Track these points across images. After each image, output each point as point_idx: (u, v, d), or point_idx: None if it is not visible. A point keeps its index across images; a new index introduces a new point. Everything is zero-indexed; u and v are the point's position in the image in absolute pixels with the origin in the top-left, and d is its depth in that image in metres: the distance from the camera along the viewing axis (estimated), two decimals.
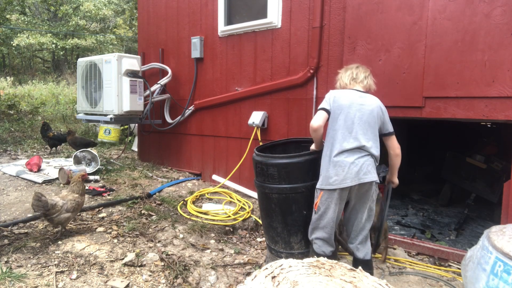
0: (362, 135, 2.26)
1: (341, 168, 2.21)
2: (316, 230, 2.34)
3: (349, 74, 2.53)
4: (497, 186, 3.72)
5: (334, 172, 2.22)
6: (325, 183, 2.27)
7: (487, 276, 1.79)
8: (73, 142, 5.72)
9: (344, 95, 2.39)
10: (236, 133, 4.51)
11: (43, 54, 20.08)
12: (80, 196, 2.99)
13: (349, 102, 2.33)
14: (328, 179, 2.24)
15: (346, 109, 2.32)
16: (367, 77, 2.54)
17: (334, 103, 2.36)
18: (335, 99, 2.37)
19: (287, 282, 1.18)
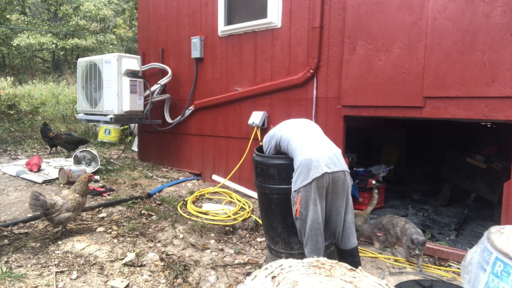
0: None
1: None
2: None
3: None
4: (497, 186, 3.72)
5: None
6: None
7: (487, 276, 1.79)
8: (66, 141, 5.75)
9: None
10: (236, 133, 4.50)
11: (43, 54, 20.08)
12: (81, 196, 2.99)
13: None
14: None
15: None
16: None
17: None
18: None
19: (287, 282, 1.18)
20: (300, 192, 2.24)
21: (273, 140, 2.56)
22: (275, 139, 2.54)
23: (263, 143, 2.68)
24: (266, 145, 2.63)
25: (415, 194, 4.89)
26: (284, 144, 2.45)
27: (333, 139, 3.52)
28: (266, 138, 2.64)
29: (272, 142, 2.56)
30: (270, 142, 2.58)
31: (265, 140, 2.66)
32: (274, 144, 2.54)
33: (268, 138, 2.62)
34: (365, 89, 3.27)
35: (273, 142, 2.55)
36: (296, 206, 2.28)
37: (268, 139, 2.62)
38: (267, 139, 2.63)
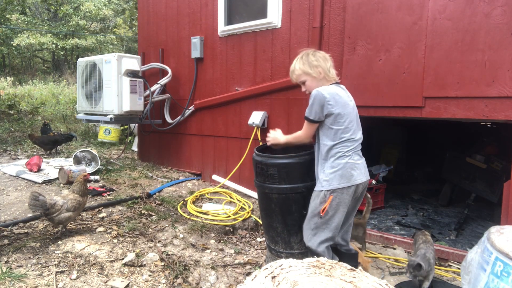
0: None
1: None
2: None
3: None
4: (497, 186, 3.72)
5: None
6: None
7: (487, 276, 1.79)
8: (41, 142, 5.80)
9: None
10: (236, 133, 4.51)
11: (43, 54, 20.08)
12: (81, 196, 2.99)
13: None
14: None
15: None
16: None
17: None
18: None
19: (287, 282, 1.18)
20: (335, 192, 2.14)
21: (326, 107, 2.14)
22: (328, 109, 2.13)
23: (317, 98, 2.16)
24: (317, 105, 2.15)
25: (415, 194, 4.90)
26: (337, 120, 2.14)
27: None
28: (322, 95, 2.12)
29: (324, 109, 2.14)
30: (324, 105, 2.13)
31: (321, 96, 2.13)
32: (324, 112, 2.15)
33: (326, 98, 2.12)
34: (365, 89, 3.27)
35: (325, 110, 2.15)
36: (324, 205, 2.15)
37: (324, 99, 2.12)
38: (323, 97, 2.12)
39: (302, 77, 2.28)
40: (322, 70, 2.24)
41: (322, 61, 2.24)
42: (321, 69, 2.24)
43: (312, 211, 2.24)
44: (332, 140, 2.19)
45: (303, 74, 2.27)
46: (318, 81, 2.24)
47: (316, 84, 2.24)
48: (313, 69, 2.24)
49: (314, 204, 2.23)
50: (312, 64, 2.24)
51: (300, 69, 2.26)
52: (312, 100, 2.18)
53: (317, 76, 2.24)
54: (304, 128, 2.30)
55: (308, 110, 2.22)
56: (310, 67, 2.24)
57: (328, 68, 2.24)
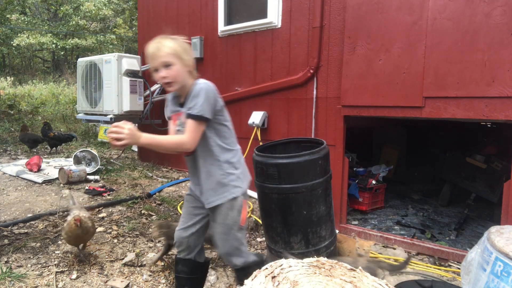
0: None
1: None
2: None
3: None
4: (497, 186, 3.72)
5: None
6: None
7: (487, 276, 1.79)
8: (22, 140, 5.82)
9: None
10: (236, 133, 4.49)
11: (43, 54, 20.08)
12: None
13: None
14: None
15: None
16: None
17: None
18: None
19: (287, 282, 1.18)
20: (245, 195, 1.94)
21: (218, 100, 1.88)
22: (219, 102, 1.89)
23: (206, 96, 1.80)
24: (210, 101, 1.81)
25: (415, 194, 4.89)
26: (224, 113, 1.93)
27: (333, 139, 3.54)
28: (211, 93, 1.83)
29: (217, 103, 1.87)
30: (216, 99, 1.86)
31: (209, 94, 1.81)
32: (217, 107, 1.86)
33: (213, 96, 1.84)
34: (365, 89, 3.27)
35: (218, 105, 1.88)
36: (243, 213, 1.90)
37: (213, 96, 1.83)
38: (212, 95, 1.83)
39: (171, 58, 1.79)
40: (191, 65, 1.86)
41: (191, 55, 1.90)
42: (192, 60, 1.87)
43: (231, 227, 1.89)
44: (226, 137, 1.93)
45: (174, 56, 1.79)
46: (185, 72, 1.83)
47: (183, 76, 1.82)
48: (187, 55, 1.84)
49: (232, 217, 1.88)
50: (187, 51, 1.86)
51: (173, 49, 1.80)
52: (203, 93, 1.76)
53: (187, 66, 1.83)
54: (192, 131, 1.78)
55: (199, 107, 1.74)
56: (185, 52, 1.84)
57: (194, 64, 1.90)
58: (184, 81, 1.83)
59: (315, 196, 2.44)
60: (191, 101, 1.78)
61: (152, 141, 1.79)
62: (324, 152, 2.49)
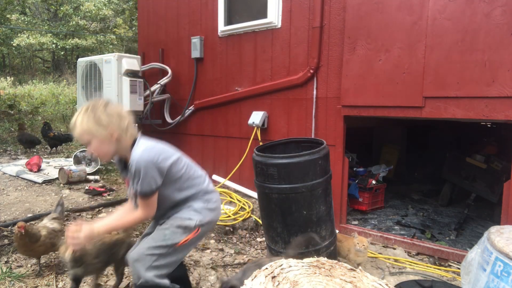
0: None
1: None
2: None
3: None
4: (497, 186, 3.72)
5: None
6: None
7: (487, 276, 1.79)
8: (19, 140, 5.80)
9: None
10: (236, 133, 4.51)
11: (43, 54, 20.07)
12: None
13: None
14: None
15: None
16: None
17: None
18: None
19: (287, 282, 1.18)
20: (204, 227, 1.88)
21: (163, 164, 1.75)
22: (166, 163, 1.77)
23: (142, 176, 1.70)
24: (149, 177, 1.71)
25: (415, 194, 4.89)
26: (178, 166, 1.84)
27: (333, 139, 3.54)
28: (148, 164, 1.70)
29: (162, 169, 1.75)
30: (159, 166, 1.73)
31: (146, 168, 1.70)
32: (163, 172, 1.76)
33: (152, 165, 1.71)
34: (365, 89, 3.27)
35: (164, 168, 1.76)
36: (187, 236, 1.82)
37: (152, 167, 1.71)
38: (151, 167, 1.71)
39: (85, 137, 1.71)
40: (116, 131, 1.71)
41: (116, 120, 1.72)
42: (113, 129, 1.70)
43: (164, 238, 1.82)
44: (182, 182, 1.86)
45: (87, 134, 1.69)
46: (108, 143, 1.72)
47: (106, 148, 1.74)
48: (103, 128, 1.69)
49: (172, 231, 1.82)
50: (102, 123, 1.69)
51: (83, 129, 1.68)
52: (141, 171, 1.68)
53: (106, 138, 1.71)
54: (145, 206, 1.75)
55: (143, 185, 1.69)
56: (99, 125, 1.68)
57: (125, 128, 1.74)
58: (111, 151, 1.77)
59: (315, 196, 2.44)
60: (133, 178, 1.72)
61: (110, 227, 1.84)
62: (324, 152, 2.49)
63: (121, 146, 1.77)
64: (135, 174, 1.71)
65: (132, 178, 1.74)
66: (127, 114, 1.80)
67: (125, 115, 1.78)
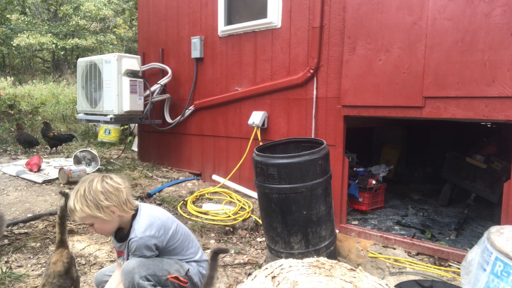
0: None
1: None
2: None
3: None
4: (497, 186, 3.72)
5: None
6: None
7: (487, 276, 1.79)
8: (18, 140, 5.80)
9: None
10: (236, 133, 4.51)
11: (43, 54, 20.07)
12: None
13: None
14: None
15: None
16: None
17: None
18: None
19: (287, 282, 1.18)
20: (191, 284, 1.91)
21: (159, 241, 1.82)
22: (162, 240, 1.83)
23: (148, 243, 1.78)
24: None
25: (415, 194, 4.89)
26: (174, 239, 1.88)
27: (333, 139, 3.54)
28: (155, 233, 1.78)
29: (158, 244, 1.81)
30: (156, 243, 1.80)
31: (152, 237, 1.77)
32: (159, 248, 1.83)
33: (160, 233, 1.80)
34: (365, 89, 3.27)
35: (160, 244, 1.82)
36: (179, 277, 1.85)
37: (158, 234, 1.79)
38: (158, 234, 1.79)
39: (86, 221, 1.72)
40: (117, 209, 1.71)
41: (115, 196, 1.71)
42: (114, 207, 1.71)
43: (161, 263, 1.86)
44: (177, 254, 1.92)
45: (88, 218, 1.70)
46: (110, 221, 1.74)
47: (108, 226, 1.77)
48: (102, 210, 1.68)
49: (168, 263, 1.86)
50: (100, 205, 1.67)
51: (82, 214, 1.67)
52: (139, 249, 1.75)
53: (109, 218, 1.71)
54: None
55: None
56: (98, 208, 1.67)
57: (124, 201, 1.74)
58: (114, 227, 1.81)
59: (315, 196, 2.44)
60: (132, 253, 1.78)
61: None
62: (324, 152, 2.49)
63: (123, 219, 1.80)
64: (135, 251, 1.76)
65: (129, 253, 1.80)
66: (122, 183, 1.77)
67: (121, 187, 1.75)
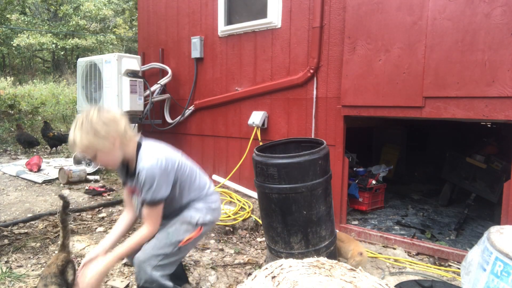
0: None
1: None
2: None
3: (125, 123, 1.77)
4: (497, 186, 3.72)
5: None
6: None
7: (487, 276, 1.79)
8: (18, 139, 5.79)
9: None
10: (236, 133, 4.51)
11: (43, 54, 20.06)
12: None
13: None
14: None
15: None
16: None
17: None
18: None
19: (287, 282, 1.18)
20: (206, 226, 1.96)
21: (171, 172, 1.80)
22: (174, 172, 1.82)
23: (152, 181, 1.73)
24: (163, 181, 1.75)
25: (415, 194, 4.89)
26: (182, 170, 1.87)
27: (333, 139, 3.54)
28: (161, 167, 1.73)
29: (170, 177, 1.79)
30: (169, 174, 1.78)
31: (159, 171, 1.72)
32: (171, 181, 1.81)
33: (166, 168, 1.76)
34: (365, 89, 3.27)
35: (171, 177, 1.80)
36: (190, 235, 1.88)
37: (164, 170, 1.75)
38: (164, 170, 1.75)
39: (88, 152, 1.71)
40: (116, 138, 1.70)
41: (113, 125, 1.69)
42: (113, 136, 1.69)
43: (169, 237, 1.87)
44: (188, 185, 1.92)
45: (89, 149, 1.68)
46: (112, 151, 1.72)
47: (111, 157, 1.75)
48: (102, 139, 1.66)
49: (175, 229, 1.89)
50: (99, 135, 1.65)
51: (83, 145, 1.66)
52: (149, 180, 1.70)
53: (110, 148, 1.70)
54: (150, 217, 1.77)
55: (150, 194, 1.71)
56: (98, 137, 1.65)
57: (123, 131, 1.72)
58: (117, 158, 1.77)
59: (315, 196, 2.44)
60: (141, 186, 1.74)
61: (119, 256, 1.80)
62: (324, 152, 2.49)
63: (125, 150, 1.77)
64: (145, 183, 1.70)
65: (140, 187, 1.74)
66: (121, 116, 1.76)
67: (119, 118, 1.74)
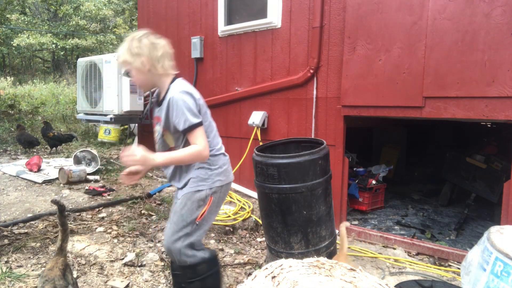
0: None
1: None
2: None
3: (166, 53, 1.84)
4: (497, 186, 3.72)
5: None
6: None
7: (487, 276, 1.79)
8: (18, 139, 5.79)
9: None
10: (236, 133, 4.50)
11: (43, 54, 20.06)
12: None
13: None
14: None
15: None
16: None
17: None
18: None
19: (287, 282, 1.18)
20: (216, 193, 1.92)
21: (198, 104, 1.82)
22: (199, 107, 1.84)
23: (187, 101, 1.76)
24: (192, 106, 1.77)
25: (415, 194, 4.89)
26: (205, 117, 1.89)
27: (333, 139, 3.54)
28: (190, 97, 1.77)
29: (196, 106, 1.81)
30: (196, 103, 1.80)
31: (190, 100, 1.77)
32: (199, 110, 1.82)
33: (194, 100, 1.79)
34: (365, 89, 3.27)
35: (197, 108, 1.81)
36: (203, 209, 1.87)
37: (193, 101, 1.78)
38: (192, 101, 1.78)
39: (125, 66, 1.81)
40: (147, 61, 1.76)
41: (148, 49, 1.76)
42: (144, 58, 1.76)
43: (184, 219, 1.87)
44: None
45: (126, 63, 1.79)
46: (145, 74, 1.79)
47: (142, 79, 1.82)
48: (134, 58, 1.76)
49: (188, 209, 1.87)
50: (133, 52, 1.76)
51: (122, 57, 1.78)
52: (180, 108, 1.73)
53: (140, 68, 1.77)
54: (198, 138, 1.77)
55: (183, 121, 1.73)
56: (133, 54, 1.76)
57: (157, 59, 1.78)
58: (147, 81, 1.83)
59: (315, 196, 2.44)
60: (170, 114, 1.78)
61: (168, 160, 1.79)
62: (324, 152, 2.49)
63: (157, 79, 1.82)
64: (174, 108, 1.73)
65: (168, 115, 1.78)
66: (163, 45, 1.83)
67: (159, 45, 1.81)
